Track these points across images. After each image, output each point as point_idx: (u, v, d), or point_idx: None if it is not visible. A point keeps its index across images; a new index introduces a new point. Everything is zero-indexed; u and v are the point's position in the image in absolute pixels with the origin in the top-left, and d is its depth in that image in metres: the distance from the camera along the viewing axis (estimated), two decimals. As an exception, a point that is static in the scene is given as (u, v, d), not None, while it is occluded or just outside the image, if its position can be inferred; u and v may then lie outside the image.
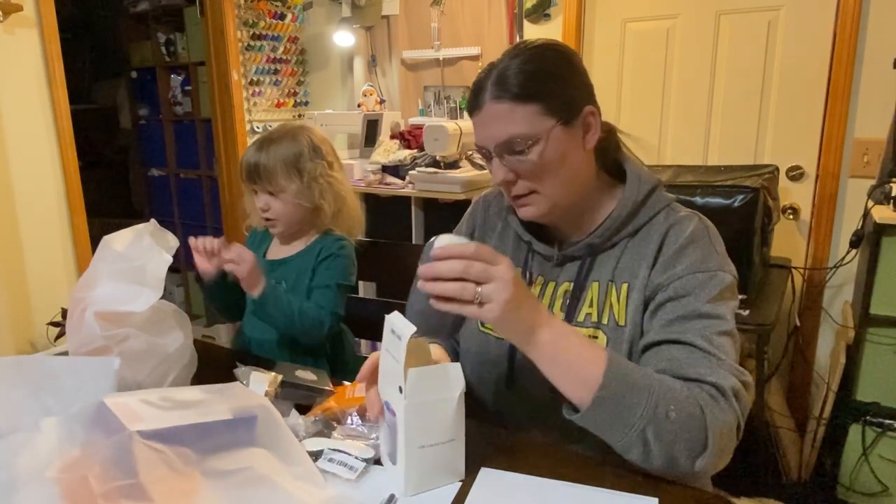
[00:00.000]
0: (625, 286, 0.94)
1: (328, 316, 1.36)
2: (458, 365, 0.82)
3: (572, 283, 0.98)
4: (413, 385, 0.78)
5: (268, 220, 1.41)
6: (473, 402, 1.13)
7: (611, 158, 1.03)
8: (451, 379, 0.81)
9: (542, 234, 1.03)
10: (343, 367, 1.47)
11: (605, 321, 0.94)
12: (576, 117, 0.92)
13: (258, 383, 1.03)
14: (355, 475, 0.84)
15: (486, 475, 0.84)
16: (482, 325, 1.06)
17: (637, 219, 0.96)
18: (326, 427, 0.95)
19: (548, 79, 0.91)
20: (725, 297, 0.89)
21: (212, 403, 0.82)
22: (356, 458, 0.87)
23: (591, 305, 0.95)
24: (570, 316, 0.96)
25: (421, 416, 0.79)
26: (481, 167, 0.79)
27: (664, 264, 0.91)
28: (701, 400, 0.79)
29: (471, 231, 1.15)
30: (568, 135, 0.92)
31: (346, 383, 1.09)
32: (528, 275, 1.03)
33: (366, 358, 0.91)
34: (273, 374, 1.05)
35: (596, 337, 0.93)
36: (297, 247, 1.46)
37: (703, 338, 0.84)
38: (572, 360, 0.79)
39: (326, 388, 1.06)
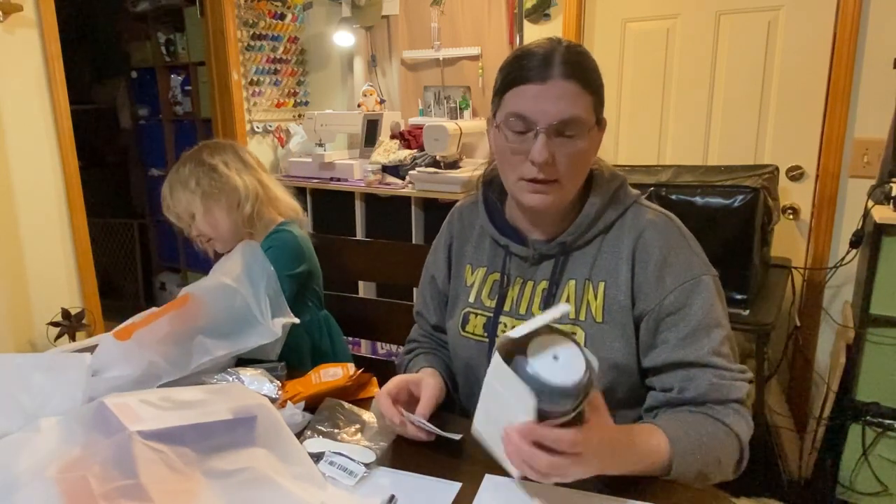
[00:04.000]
0: (602, 284, 0.96)
1: None
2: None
3: (548, 281, 0.99)
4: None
5: (207, 242, 1.45)
6: (467, 405, 1.12)
7: None
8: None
9: (516, 237, 1.04)
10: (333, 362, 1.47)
11: (582, 317, 0.96)
12: (602, 122, 0.97)
13: (259, 383, 1.03)
14: (355, 481, 0.84)
15: (490, 482, 0.83)
16: (462, 329, 1.06)
17: (606, 215, 0.98)
18: (334, 426, 0.95)
19: (600, 78, 0.95)
20: (715, 297, 0.94)
21: (212, 403, 0.82)
22: (357, 462, 0.87)
23: (567, 302, 0.97)
24: None
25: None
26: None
27: (653, 279, 0.93)
28: (732, 424, 0.88)
29: (449, 241, 1.15)
30: (596, 136, 0.96)
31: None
32: (506, 277, 1.04)
33: (355, 355, 0.89)
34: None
35: (574, 333, 0.95)
36: None
37: (714, 353, 0.91)
38: (644, 471, 0.83)
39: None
